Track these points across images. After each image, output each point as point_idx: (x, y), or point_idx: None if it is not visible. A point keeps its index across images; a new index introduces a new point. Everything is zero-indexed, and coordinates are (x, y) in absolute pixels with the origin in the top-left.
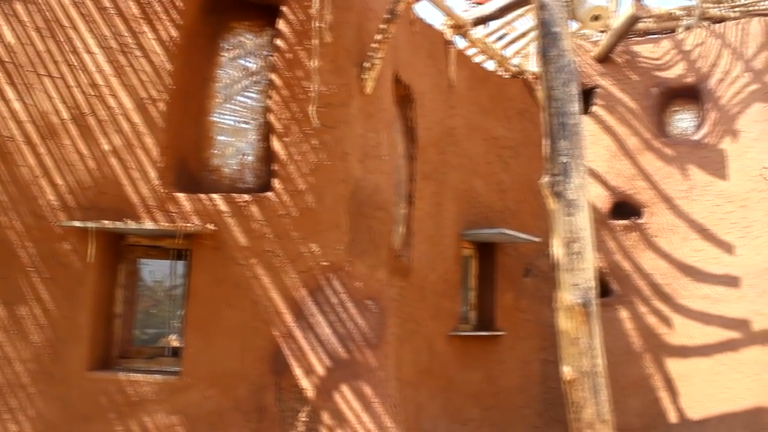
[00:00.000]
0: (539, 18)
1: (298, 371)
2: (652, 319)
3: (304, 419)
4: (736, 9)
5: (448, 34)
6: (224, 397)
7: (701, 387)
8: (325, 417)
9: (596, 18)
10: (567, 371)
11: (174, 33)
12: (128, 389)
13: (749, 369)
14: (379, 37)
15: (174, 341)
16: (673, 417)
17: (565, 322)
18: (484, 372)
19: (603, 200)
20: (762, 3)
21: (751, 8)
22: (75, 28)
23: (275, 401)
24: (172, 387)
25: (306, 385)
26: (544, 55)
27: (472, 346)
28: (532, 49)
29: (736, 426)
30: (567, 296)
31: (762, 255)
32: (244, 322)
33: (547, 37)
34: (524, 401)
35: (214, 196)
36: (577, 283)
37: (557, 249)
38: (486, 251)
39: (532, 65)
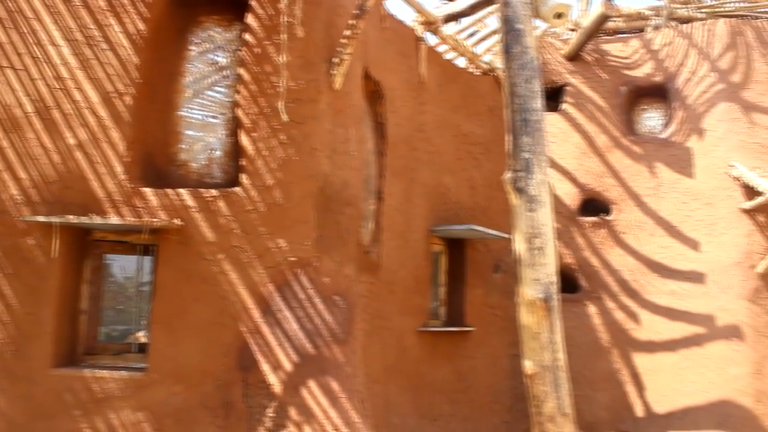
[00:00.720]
0: (502, 15)
1: (265, 367)
2: (619, 315)
3: (271, 415)
4: (703, 10)
5: (419, 30)
6: (191, 394)
7: (667, 381)
8: (293, 412)
9: (559, 16)
10: (528, 365)
11: (141, 26)
12: (94, 386)
13: (713, 363)
14: (348, 32)
15: (141, 337)
16: (639, 411)
17: (526, 317)
18: (454, 367)
19: (572, 197)
20: (728, 5)
21: (716, 10)
22: (39, 19)
23: (242, 397)
24: (139, 383)
25: (273, 380)
26: (507, 51)
27: (441, 341)
28: None
29: (701, 419)
30: (528, 291)
31: (726, 252)
32: (211, 317)
33: (510, 33)
34: (493, 396)
35: (181, 191)
36: (538, 278)
37: (519, 244)
38: (456, 247)
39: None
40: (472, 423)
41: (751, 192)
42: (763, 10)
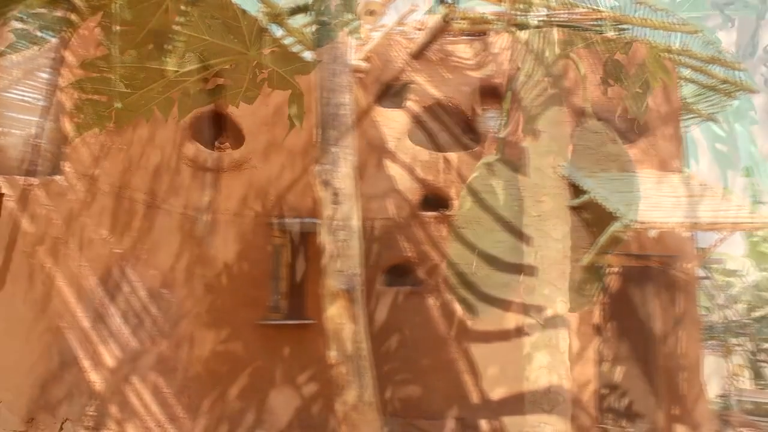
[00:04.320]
0: (316, 10)
1: (86, 364)
2: (458, 307)
3: (92, 413)
4: (540, 19)
5: (264, 21)
6: (4, 395)
7: (501, 370)
8: (114, 410)
9: (371, 13)
10: (332, 355)
11: None
12: None
13: (541, 351)
14: (182, 19)
15: None
16: (476, 398)
17: (330, 308)
18: (295, 359)
19: (413, 192)
20: (561, 15)
21: (552, 19)
22: None
23: (63, 396)
24: None
25: (94, 378)
26: (318, 46)
27: (282, 334)
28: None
29: (531, 404)
30: (332, 282)
31: (555, 246)
32: (28, 314)
33: (321, 28)
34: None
35: None
36: (342, 269)
37: (324, 236)
38: (299, 240)
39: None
40: (313, 414)
41: (577, 190)
42: (591, 23)
